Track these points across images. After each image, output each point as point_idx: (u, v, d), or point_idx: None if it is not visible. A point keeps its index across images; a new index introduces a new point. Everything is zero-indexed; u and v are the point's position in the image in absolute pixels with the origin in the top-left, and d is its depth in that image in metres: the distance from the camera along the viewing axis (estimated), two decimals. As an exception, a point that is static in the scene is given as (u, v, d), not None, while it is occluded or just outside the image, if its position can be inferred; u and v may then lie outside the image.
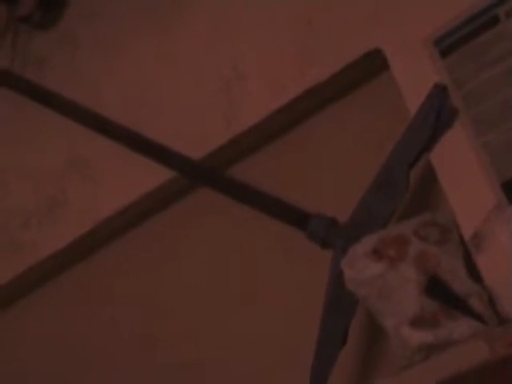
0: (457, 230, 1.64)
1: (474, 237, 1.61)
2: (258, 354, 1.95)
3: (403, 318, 1.60)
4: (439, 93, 1.65)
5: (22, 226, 2.19)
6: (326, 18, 1.82)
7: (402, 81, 1.71)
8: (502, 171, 1.60)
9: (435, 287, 1.60)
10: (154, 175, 2.02)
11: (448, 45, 1.65)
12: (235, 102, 1.92)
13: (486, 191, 1.61)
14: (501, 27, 1.60)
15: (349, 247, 1.66)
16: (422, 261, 1.61)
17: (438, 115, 1.65)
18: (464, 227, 1.63)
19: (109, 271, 2.19)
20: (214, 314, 2.02)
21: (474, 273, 1.61)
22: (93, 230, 2.12)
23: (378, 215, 1.72)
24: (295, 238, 1.80)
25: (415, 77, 1.69)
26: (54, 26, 2.17)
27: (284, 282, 1.92)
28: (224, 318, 2.01)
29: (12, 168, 2.24)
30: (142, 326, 2.12)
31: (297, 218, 1.81)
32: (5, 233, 2.23)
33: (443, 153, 1.67)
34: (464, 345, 1.54)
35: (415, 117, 1.68)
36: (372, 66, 1.77)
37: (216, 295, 2.03)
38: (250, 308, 1.97)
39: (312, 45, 1.82)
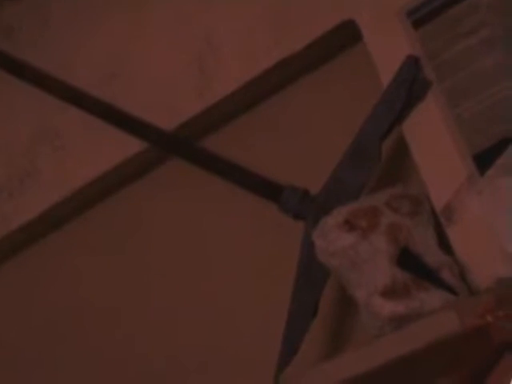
0: (428, 201, 1.65)
1: (446, 209, 1.62)
2: (230, 324, 1.96)
3: (374, 288, 1.60)
4: (411, 64, 1.65)
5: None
6: None
7: (374, 52, 1.72)
8: (474, 143, 1.61)
9: (406, 258, 1.61)
10: (125, 146, 2.02)
11: (421, 16, 1.65)
12: (208, 73, 1.92)
13: (457, 163, 1.62)
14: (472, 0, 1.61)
15: (321, 218, 1.66)
16: (393, 232, 1.62)
17: (410, 87, 1.65)
18: (435, 199, 1.64)
19: (79, 242, 2.18)
20: (186, 284, 2.03)
21: (445, 244, 1.62)
22: (63, 201, 2.12)
23: (350, 187, 1.72)
24: (267, 209, 1.81)
25: (388, 48, 1.69)
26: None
27: (256, 253, 1.93)
28: (195, 288, 2.01)
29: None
30: (112, 297, 2.12)
31: (269, 189, 1.81)
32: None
33: (415, 125, 1.68)
34: (435, 316, 1.54)
35: (387, 89, 1.69)
36: (345, 37, 1.77)
37: (188, 265, 2.03)
38: (222, 279, 1.98)
39: (284, 16, 1.82)
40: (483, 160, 1.60)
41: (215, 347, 2.00)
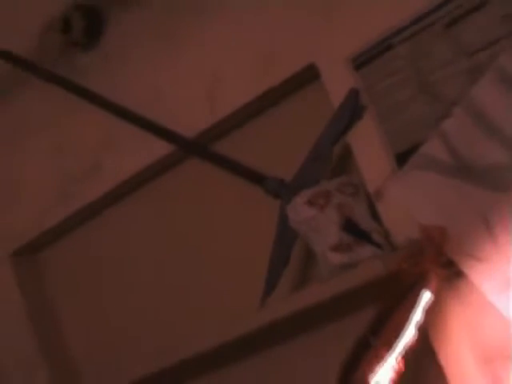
0: (364, 187, 1.77)
1: (376, 192, 1.75)
2: (229, 268, 2.05)
3: (327, 245, 1.74)
4: (353, 94, 1.75)
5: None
6: (271, 41, 1.85)
7: (328, 87, 1.77)
8: (396, 147, 1.71)
9: (349, 226, 1.73)
10: (158, 148, 2.04)
11: (361, 61, 1.73)
12: (216, 98, 1.94)
13: (384, 161, 1.73)
14: (395, 51, 1.68)
15: (292, 198, 1.77)
16: (340, 208, 1.74)
17: (352, 109, 1.74)
18: (369, 185, 1.76)
19: (127, 219, 2.23)
20: (200, 243, 2.10)
21: (375, 216, 1.75)
22: (117, 186, 2.16)
23: (311, 177, 1.80)
24: (256, 192, 1.88)
25: (338, 84, 1.75)
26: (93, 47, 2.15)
27: (248, 221, 2.02)
28: (206, 245, 2.09)
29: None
30: (157, 250, 2.18)
31: (257, 178, 1.89)
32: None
33: (356, 135, 1.77)
34: (367, 263, 1.69)
35: (337, 110, 1.77)
36: (309, 74, 1.81)
37: (201, 231, 2.10)
38: (226, 239, 2.06)
39: (268, 59, 1.85)
40: (402, 159, 1.69)
41: (217, 287, 2.07)
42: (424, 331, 1.62)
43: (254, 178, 1.89)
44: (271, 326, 1.80)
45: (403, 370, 1.56)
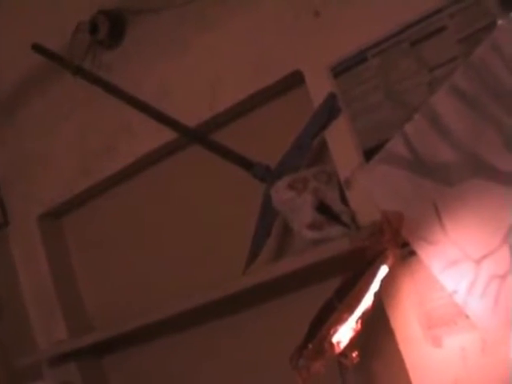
0: (336, 176, 1.75)
1: (346, 180, 1.73)
2: (216, 243, 2.06)
3: (303, 224, 1.72)
4: (331, 97, 1.73)
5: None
6: (264, 50, 1.83)
7: (311, 90, 1.76)
8: (364, 144, 1.69)
9: (322, 207, 1.72)
10: (164, 135, 2.03)
11: (340, 69, 1.72)
12: (215, 94, 1.93)
13: (354, 155, 1.72)
14: (369, 62, 1.68)
15: (275, 182, 1.76)
16: (315, 192, 1.72)
17: (329, 110, 1.72)
18: (341, 174, 1.74)
19: (140, 193, 2.23)
20: (194, 221, 2.10)
21: (344, 200, 1.73)
22: (130, 164, 2.16)
23: (292, 165, 1.79)
24: (245, 176, 1.87)
25: (318, 88, 1.74)
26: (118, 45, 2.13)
27: (235, 202, 2.01)
28: (199, 223, 2.09)
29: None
30: (160, 224, 2.17)
31: (247, 164, 1.88)
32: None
33: (332, 132, 1.76)
34: (336, 240, 1.68)
35: (317, 110, 1.75)
36: (294, 79, 1.80)
37: (198, 207, 2.10)
38: (218, 216, 2.06)
39: (259, 64, 1.84)
40: (369, 153, 1.68)
41: (209, 249, 2.07)
42: (379, 299, 1.61)
43: (244, 163, 1.87)
44: (253, 289, 1.80)
45: (360, 330, 1.55)
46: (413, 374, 1.66)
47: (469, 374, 1.58)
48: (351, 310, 1.55)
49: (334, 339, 1.54)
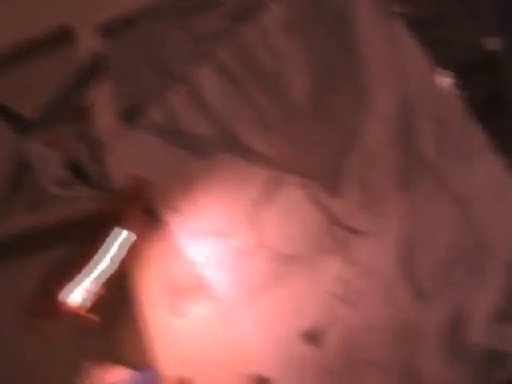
0: (94, 136, 1.60)
1: (103, 142, 1.59)
2: None
3: (51, 180, 1.58)
4: (96, 56, 1.61)
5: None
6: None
7: (80, 45, 1.62)
8: (124, 107, 1.57)
9: (74, 166, 1.58)
10: None
11: (109, 30, 1.61)
12: None
13: (113, 118, 1.59)
14: (138, 27, 1.57)
15: (33, 136, 1.61)
16: (68, 150, 1.58)
17: (93, 69, 1.61)
18: (99, 136, 1.60)
19: None
20: None
21: (100, 163, 1.59)
22: None
23: (50, 120, 1.63)
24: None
25: (87, 46, 1.62)
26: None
27: None
28: None
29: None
30: None
31: (6, 115, 1.66)
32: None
33: (96, 93, 1.61)
34: (81, 200, 1.56)
35: (79, 67, 1.61)
36: (66, 36, 1.65)
37: None
38: None
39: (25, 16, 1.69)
40: (128, 118, 1.56)
41: None
42: (125, 265, 1.51)
43: (4, 113, 1.66)
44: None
45: (104, 293, 1.47)
46: (156, 342, 1.55)
47: (211, 343, 1.51)
48: (87, 272, 1.44)
49: (68, 299, 1.42)
